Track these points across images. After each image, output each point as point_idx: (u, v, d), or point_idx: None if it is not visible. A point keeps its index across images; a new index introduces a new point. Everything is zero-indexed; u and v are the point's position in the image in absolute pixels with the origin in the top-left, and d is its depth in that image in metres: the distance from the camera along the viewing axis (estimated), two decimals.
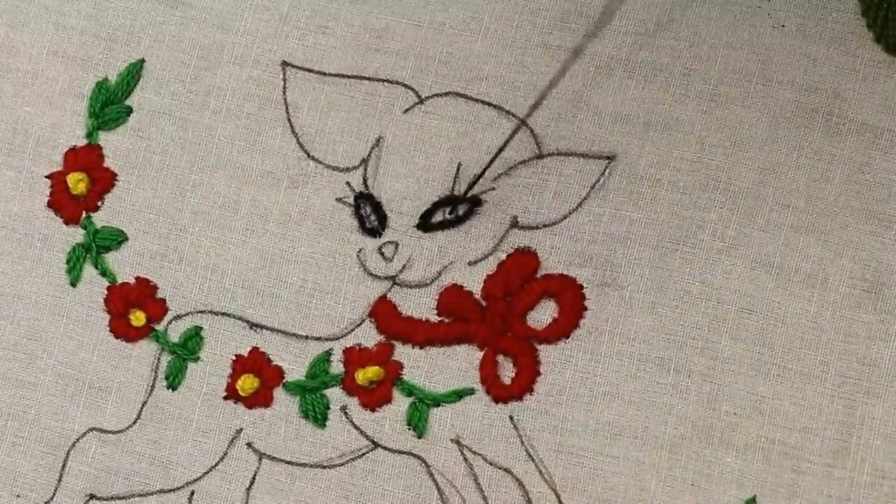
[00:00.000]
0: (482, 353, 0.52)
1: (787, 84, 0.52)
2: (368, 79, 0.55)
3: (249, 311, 0.54)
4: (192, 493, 0.54)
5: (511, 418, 0.52)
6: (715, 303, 0.51)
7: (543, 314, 0.52)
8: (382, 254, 0.54)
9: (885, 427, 0.50)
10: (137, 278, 0.55)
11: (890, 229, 0.51)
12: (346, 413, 0.53)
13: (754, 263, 0.51)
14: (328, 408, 0.53)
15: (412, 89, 0.54)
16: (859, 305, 0.51)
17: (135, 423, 0.55)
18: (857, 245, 0.51)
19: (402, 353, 0.53)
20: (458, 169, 0.53)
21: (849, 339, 0.51)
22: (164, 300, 0.55)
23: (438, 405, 0.53)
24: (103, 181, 0.56)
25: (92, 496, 0.54)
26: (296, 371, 0.54)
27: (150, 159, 0.56)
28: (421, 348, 0.53)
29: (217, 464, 0.54)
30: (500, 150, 0.52)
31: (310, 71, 0.55)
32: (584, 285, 0.52)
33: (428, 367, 0.53)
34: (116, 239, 0.55)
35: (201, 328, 0.55)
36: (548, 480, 0.52)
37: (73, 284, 0.56)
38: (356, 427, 0.53)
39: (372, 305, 0.53)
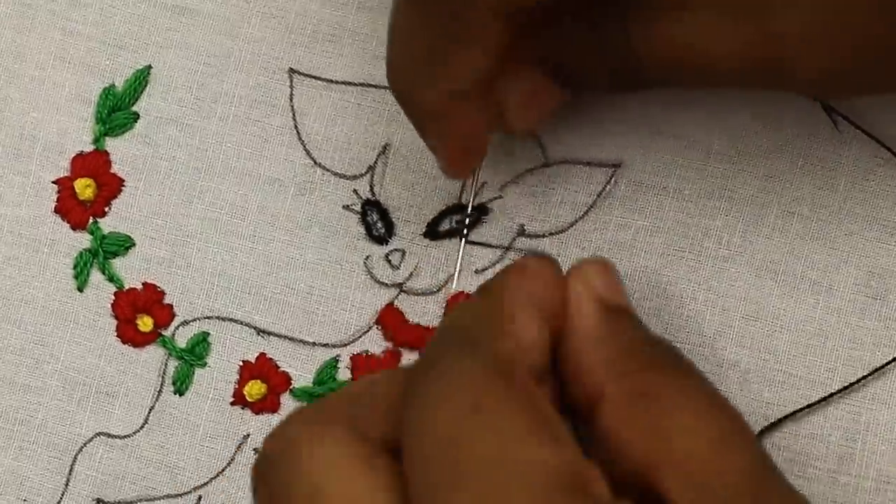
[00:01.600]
0: None
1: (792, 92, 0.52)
2: (375, 86, 0.55)
3: (257, 318, 0.54)
4: (200, 497, 0.54)
5: None
6: (720, 310, 0.51)
7: None
8: (389, 261, 0.54)
9: (891, 432, 0.50)
10: (145, 284, 0.55)
11: (895, 236, 0.51)
12: None
13: (759, 271, 0.52)
14: None
15: None
16: (864, 312, 0.51)
17: (142, 428, 0.55)
18: (862, 252, 0.51)
19: (410, 360, 0.53)
20: None
21: (854, 345, 0.51)
22: (171, 306, 0.55)
23: None
24: (110, 187, 0.56)
25: (99, 500, 0.55)
26: (303, 377, 0.54)
27: (158, 165, 0.56)
28: None
29: (224, 469, 0.54)
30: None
31: (317, 78, 0.55)
32: None
33: None
34: (123, 244, 0.56)
35: (208, 334, 0.55)
36: None
37: (80, 290, 0.56)
38: None
39: (379, 312, 0.54)
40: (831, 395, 0.50)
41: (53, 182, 0.56)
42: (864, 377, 0.50)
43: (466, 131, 0.48)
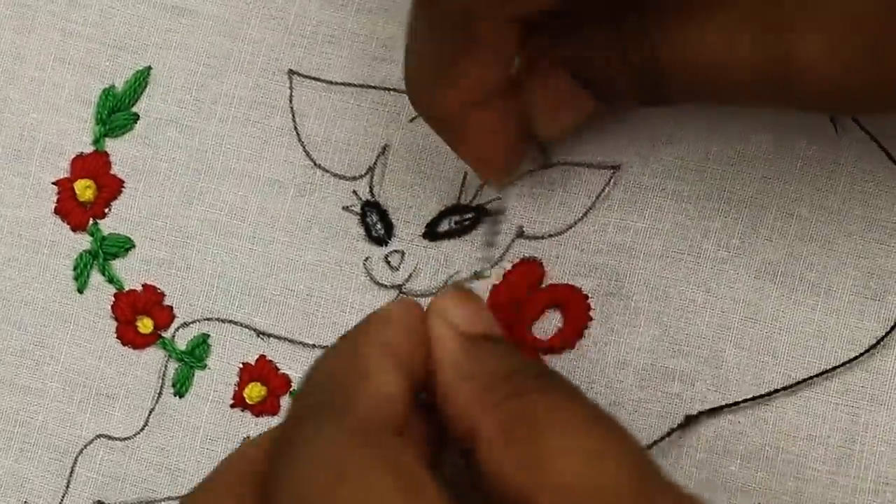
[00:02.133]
0: None
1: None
2: (375, 88, 0.55)
3: (256, 319, 0.54)
4: None
5: None
6: (719, 312, 0.52)
7: (549, 324, 0.52)
8: (389, 262, 0.54)
9: (889, 434, 0.50)
10: (144, 285, 0.55)
11: (894, 237, 0.51)
12: None
13: (758, 272, 0.52)
14: None
15: None
16: (863, 313, 0.51)
17: (142, 430, 0.55)
18: (861, 253, 0.51)
19: None
20: (465, 178, 0.54)
21: (852, 346, 0.51)
22: (171, 307, 0.55)
23: None
24: (110, 188, 0.56)
25: (100, 503, 0.55)
26: None
27: (157, 167, 0.56)
28: None
29: None
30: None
31: (316, 80, 0.55)
32: (590, 295, 0.52)
33: None
34: (123, 246, 0.56)
35: (208, 336, 0.55)
36: None
37: (81, 291, 0.56)
38: None
39: None
40: (776, 392, 0.51)
41: (53, 183, 0.56)
42: (814, 375, 0.51)
43: (488, 140, 0.48)
